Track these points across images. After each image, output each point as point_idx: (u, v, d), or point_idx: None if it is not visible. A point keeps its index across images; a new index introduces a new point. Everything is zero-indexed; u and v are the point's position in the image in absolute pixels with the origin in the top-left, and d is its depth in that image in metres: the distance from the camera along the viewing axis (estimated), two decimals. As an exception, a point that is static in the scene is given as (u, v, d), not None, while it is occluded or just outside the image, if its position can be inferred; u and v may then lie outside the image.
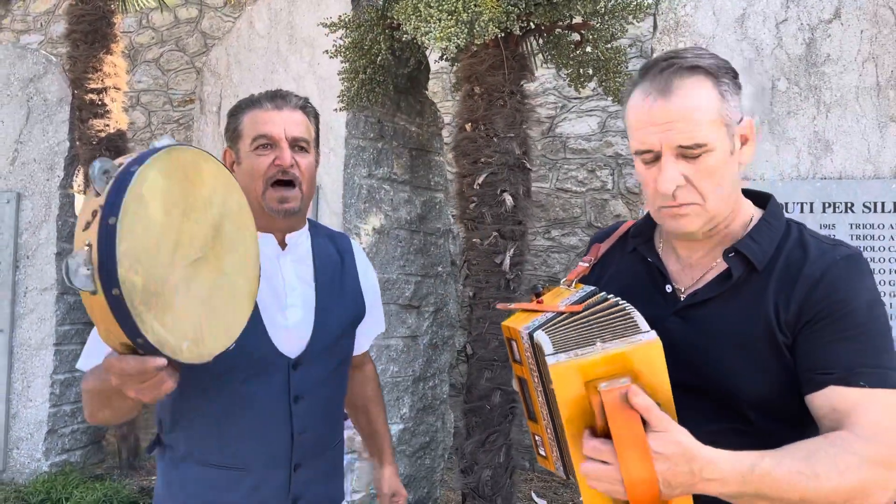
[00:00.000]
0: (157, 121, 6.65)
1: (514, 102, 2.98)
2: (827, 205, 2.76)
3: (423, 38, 2.46)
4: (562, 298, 1.09)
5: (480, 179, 2.93)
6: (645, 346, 0.96)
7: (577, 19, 3.09)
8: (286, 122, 1.48)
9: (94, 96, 4.38)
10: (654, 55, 2.20)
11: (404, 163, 3.55)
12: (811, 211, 2.78)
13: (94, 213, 1.04)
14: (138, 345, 1.07)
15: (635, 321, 0.99)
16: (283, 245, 1.54)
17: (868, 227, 2.72)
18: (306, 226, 1.60)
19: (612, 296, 1.06)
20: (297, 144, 1.50)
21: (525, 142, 3.07)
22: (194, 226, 1.16)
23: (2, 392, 4.42)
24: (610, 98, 3.30)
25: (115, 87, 4.49)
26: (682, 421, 0.98)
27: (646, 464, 0.91)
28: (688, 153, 1.09)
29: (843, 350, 1.06)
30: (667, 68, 1.10)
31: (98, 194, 1.06)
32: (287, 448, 1.46)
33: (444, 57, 3.19)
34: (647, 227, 1.28)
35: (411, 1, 2.60)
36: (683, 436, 0.94)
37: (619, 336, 0.98)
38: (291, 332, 1.48)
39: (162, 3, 5.55)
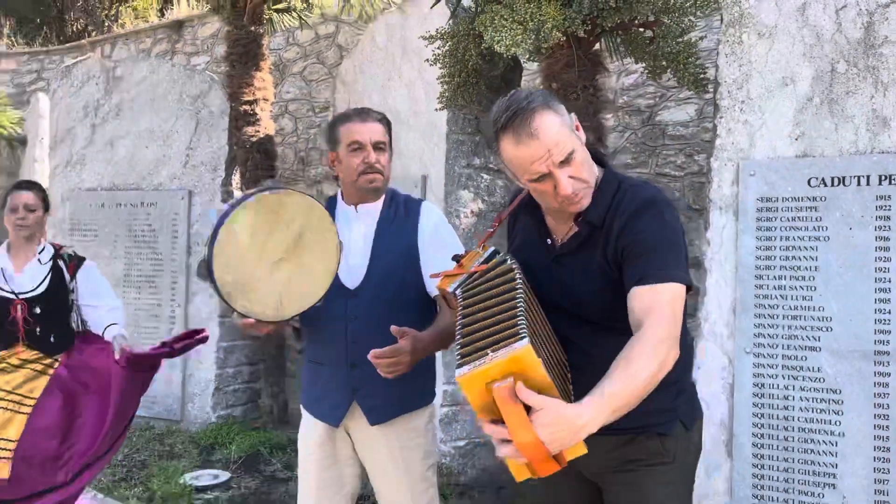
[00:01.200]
0: (302, 126, 7.53)
1: (587, 95, 3.36)
2: (883, 177, 2.93)
3: (496, 45, 2.93)
4: (475, 259, 1.56)
5: (557, 165, 3.36)
6: (520, 353, 1.27)
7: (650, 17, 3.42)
8: (370, 132, 2.14)
9: (247, 107, 5.21)
10: (718, 50, 2.52)
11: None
12: (868, 184, 2.95)
13: (205, 242, 1.87)
14: (231, 309, 1.93)
15: (516, 321, 1.35)
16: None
17: (922, 196, 2.89)
18: (382, 198, 2.20)
19: (508, 257, 1.54)
20: (377, 146, 2.14)
21: (599, 129, 3.44)
22: (277, 240, 1.90)
23: (180, 356, 5.34)
24: (686, 88, 3.59)
25: (264, 99, 5.29)
26: (563, 329, 1.54)
27: (530, 433, 1.25)
28: (565, 161, 1.58)
29: (640, 264, 1.56)
30: (522, 117, 1.56)
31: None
32: (344, 352, 2.09)
33: (530, 58, 3.64)
34: (531, 201, 1.79)
35: (490, 14, 3.07)
36: (557, 406, 1.29)
37: (504, 344, 1.30)
38: (352, 271, 2.12)
39: (303, 22, 6.34)
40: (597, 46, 3.60)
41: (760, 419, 3.04)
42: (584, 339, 1.65)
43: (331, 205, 2.27)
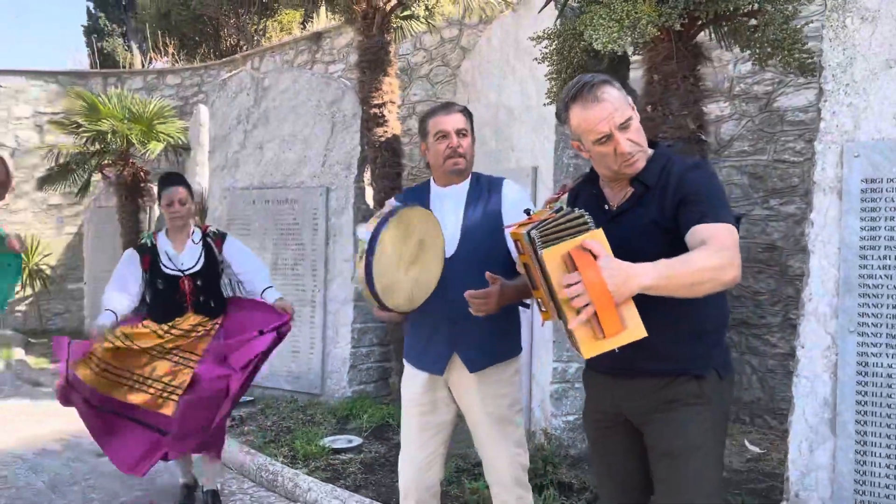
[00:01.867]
0: (428, 125, 7.96)
1: (688, 85, 3.50)
2: None
3: (595, 43, 3.15)
4: (542, 216, 1.83)
5: (658, 152, 3.53)
6: (594, 233, 1.67)
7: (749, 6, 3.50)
8: (453, 121, 2.52)
9: (376, 110, 5.68)
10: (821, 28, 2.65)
11: (607, 144, 4.22)
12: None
13: (361, 255, 2.26)
14: (383, 307, 2.33)
15: (587, 222, 1.71)
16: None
17: None
18: (468, 179, 2.60)
19: (575, 209, 1.78)
20: (460, 132, 2.51)
21: (700, 117, 3.57)
22: (408, 247, 2.33)
23: (320, 335, 5.93)
24: (792, 73, 3.64)
25: (391, 102, 5.74)
26: None
27: (597, 274, 1.61)
28: (624, 125, 1.89)
29: (696, 209, 1.84)
30: (588, 87, 1.90)
31: (365, 242, 2.26)
32: (445, 310, 2.45)
33: (635, 51, 3.82)
34: (594, 175, 2.11)
35: (590, 13, 3.30)
36: (618, 260, 1.65)
37: (579, 233, 1.68)
38: (447, 242, 2.47)
39: (431, 26, 6.74)
40: (702, 36, 3.73)
41: (864, 397, 3.08)
42: None
43: (425, 188, 2.66)
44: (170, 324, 3.62)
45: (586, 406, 2.19)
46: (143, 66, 13.71)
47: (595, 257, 1.63)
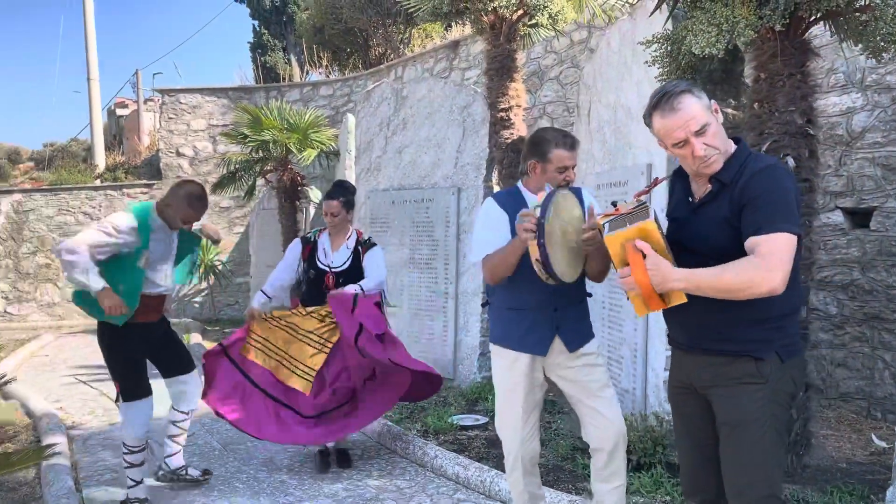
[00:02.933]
0: (558, 126, 8.25)
1: (795, 82, 3.61)
2: None
3: (693, 48, 3.36)
4: (625, 207, 2.14)
5: (764, 147, 3.65)
6: (645, 224, 2.01)
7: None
8: (574, 158, 2.88)
9: (503, 114, 6.07)
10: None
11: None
12: None
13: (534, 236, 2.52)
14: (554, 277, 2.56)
15: (647, 214, 2.01)
16: None
17: None
18: None
19: (644, 202, 2.07)
20: (574, 166, 2.90)
21: (808, 112, 3.65)
22: (568, 230, 2.58)
23: (452, 324, 6.41)
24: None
25: (517, 106, 6.11)
26: (691, 267, 2.05)
27: (641, 269, 1.97)
28: (699, 132, 2.11)
29: (754, 217, 2.04)
30: (668, 97, 2.13)
31: (534, 228, 2.52)
32: (550, 299, 2.79)
33: (745, 50, 3.95)
34: (684, 169, 2.32)
35: (691, 19, 3.51)
36: (659, 259, 1.98)
37: (638, 221, 2.01)
38: None
39: (558, 33, 7.04)
40: (812, 31, 3.80)
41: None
42: (692, 265, 2.16)
43: (515, 191, 2.99)
44: (310, 309, 4.27)
45: (669, 375, 2.47)
46: (301, 77, 14.91)
47: (644, 255, 1.97)
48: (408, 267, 6.69)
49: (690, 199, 2.25)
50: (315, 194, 9.84)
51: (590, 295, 2.96)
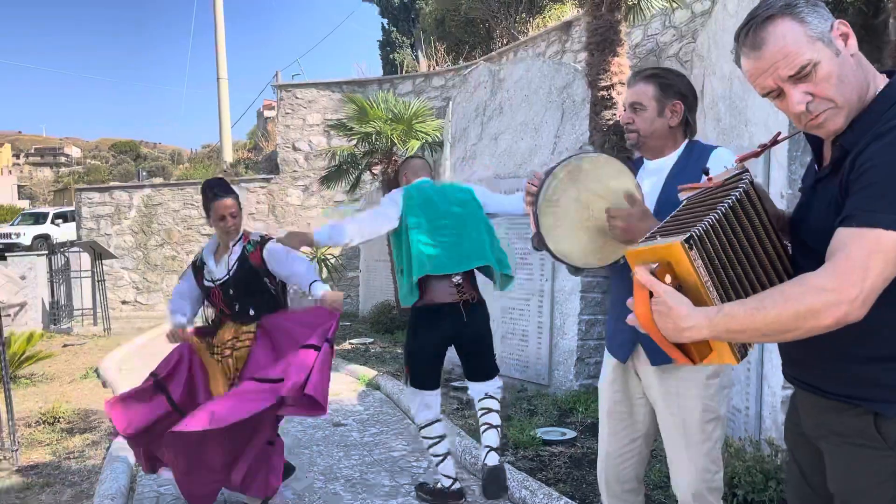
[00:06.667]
0: (677, 108, 7.45)
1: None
2: None
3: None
4: (722, 177, 1.52)
5: None
6: (668, 245, 1.34)
7: None
8: (630, 94, 2.34)
9: (604, 93, 5.44)
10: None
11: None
12: None
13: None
14: (547, 250, 2.10)
15: (696, 222, 1.38)
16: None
17: None
18: (678, 150, 2.33)
19: (748, 176, 1.47)
20: (633, 106, 2.31)
21: None
22: (580, 195, 2.10)
23: (547, 325, 5.86)
24: None
25: (620, 83, 5.46)
26: (797, 258, 1.46)
27: (645, 311, 1.36)
28: (799, 76, 1.37)
29: (855, 198, 1.30)
30: (753, 28, 1.40)
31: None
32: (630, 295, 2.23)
33: None
34: None
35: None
36: (673, 300, 1.32)
37: (669, 236, 1.37)
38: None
39: (672, 2, 6.30)
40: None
41: None
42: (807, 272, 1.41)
43: (637, 161, 2.47)
44: (209, 339, 3.61)
45: (787, 409, 1.83)
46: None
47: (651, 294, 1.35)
48: (501, 262, 6.20)
49: (816, 168, 1.55)
50: None
51: None
